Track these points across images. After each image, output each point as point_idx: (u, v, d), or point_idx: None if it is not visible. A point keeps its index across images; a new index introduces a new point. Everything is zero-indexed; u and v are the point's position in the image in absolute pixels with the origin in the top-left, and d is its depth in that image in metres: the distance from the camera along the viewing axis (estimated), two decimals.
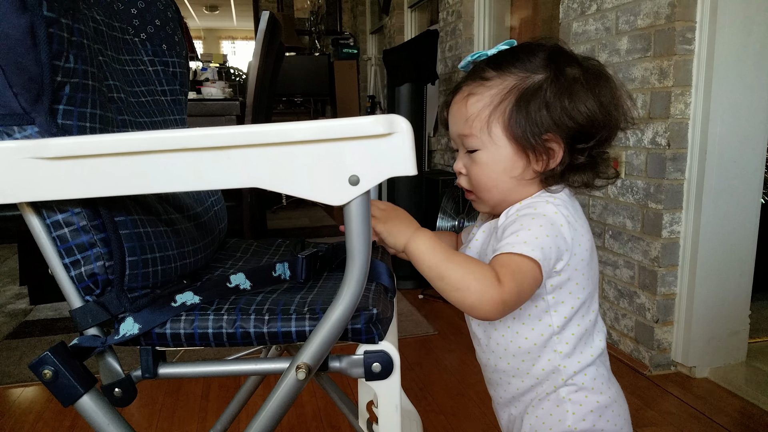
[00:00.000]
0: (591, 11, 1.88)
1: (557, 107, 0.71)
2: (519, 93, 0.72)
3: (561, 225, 0.71)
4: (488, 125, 0.73)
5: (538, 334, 0.76)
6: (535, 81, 0.72)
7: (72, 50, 0.58)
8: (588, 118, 0.72)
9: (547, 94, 0.71)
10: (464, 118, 0.75)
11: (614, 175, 0.79)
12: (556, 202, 0.73)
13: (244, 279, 0.67)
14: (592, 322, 0.79)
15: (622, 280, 1.81)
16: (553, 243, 0.70)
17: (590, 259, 0.76)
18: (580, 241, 0.73)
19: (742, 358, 1.74)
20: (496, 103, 0.73)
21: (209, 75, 3.75)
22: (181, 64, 0.89)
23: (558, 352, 0.76)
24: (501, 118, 0.73)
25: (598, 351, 0.80)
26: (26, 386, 1.72)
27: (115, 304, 0.60)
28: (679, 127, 1.59)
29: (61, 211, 0.58)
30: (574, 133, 0.72)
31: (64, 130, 0.58)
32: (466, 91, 0.76)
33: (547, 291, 0.74)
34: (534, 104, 0.71)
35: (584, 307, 0.77)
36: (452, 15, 3.19)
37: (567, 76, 0.72)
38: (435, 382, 1.69)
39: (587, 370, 0.78)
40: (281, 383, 0.59)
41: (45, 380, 0.57)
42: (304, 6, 7.48)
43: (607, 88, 0.74)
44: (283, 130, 0.52)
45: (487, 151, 0.74)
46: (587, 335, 0.78)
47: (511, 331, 0.77)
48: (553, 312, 0.75)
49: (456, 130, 0.77)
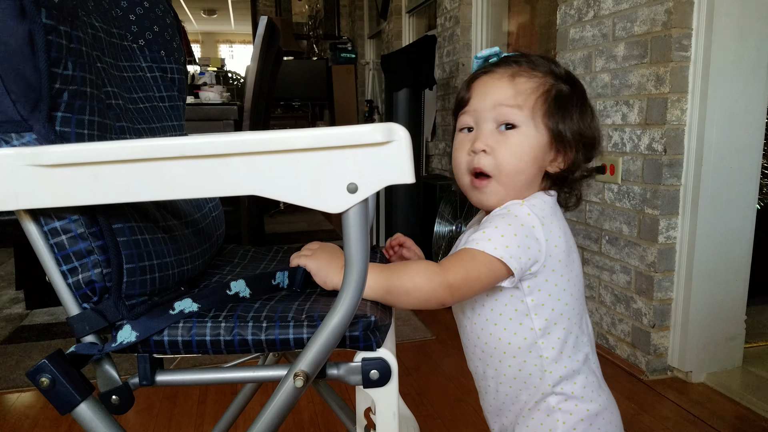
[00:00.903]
0: (588, 17, 1.89)
1: (582, 117, 0.78)
2: (557, 91, 0.76)
3: (533, 226, 0.73)
4: (535, 106, 0.75)
5: (521, 338, 0.76)
6: (563, 88, 0.77)
7: (70, 57, 0.58)
8: (594, 136, 0.79)
9: (576, 103, 0.77)
10: (513, 92, 0.76)
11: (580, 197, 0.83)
12: (532, 203, 0.75)
13: (244, 286, 0.67)
14: (578, 326, 0.79)
15: (618, 285, 1.81)
16: (522, 242, 0.71)
17: (568, 260, 0.76)
18: (556, 242, 0.74)
19: (739, 363, 1.74)
20: (543, 90, 0.76)
21: (207, 79, 3.75)
22: (180, 70, 0.89)
23: (544, 357, 0.77)
24: (545, 106, 0.76)
25: (586, 356, 0.80)
26: (22, 391, 1.72)
27: (112, 311, 0.60)
28: (676, 134, 1.60)
29: (59, 219, 0.58)
30: (584, 145, 0.78)
31: (62, 137, 0.58)
32: (508, 72, 0.77)
33: (525, 293, 0.75)
34: (569, 107, 0.77)
35: (568, 309, 0.77)
36: (450, 20, 3.20)
37: (585, 95, 0.80)
38: (433, 388, 1.69)
39: (575, 378, 0.78)
40: (279, 391, 0.59)
41: (42, 388, 0.56)
42: (302, 10, 7.49)
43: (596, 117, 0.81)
44: (282, 138, 0.52)
45: (527, 130, 0.75)
46: (574, 339, 0.78)
47: (494, 336, 0.78)
48: (534, 315, 0.76)
49: (497, 99, 0.75)
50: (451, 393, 1.65)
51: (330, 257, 0.72)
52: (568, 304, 0.77)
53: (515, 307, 0.76)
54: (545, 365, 0.77)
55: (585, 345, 0.80)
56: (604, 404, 0.80)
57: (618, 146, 1.78)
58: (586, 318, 0.83)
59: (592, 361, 0.81)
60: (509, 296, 0.76)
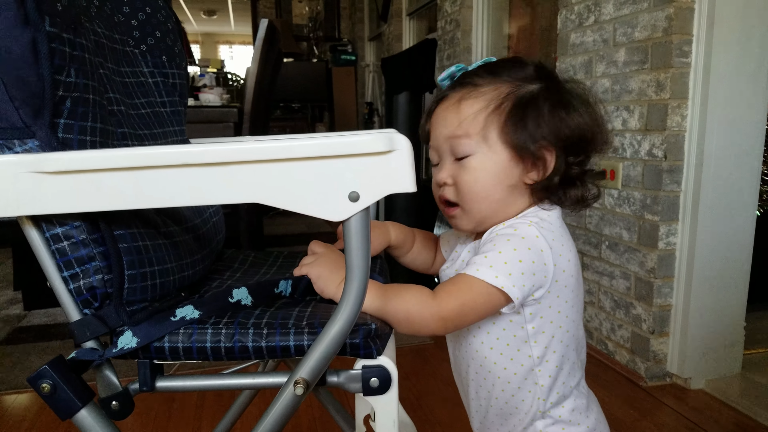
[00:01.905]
0: (589, 23, 1.89)
1: (554, 116, 0.70)
2: (515, 99, 0.71)
3: (541, 250, 0.68)
4: (484, 129, 0.71)
5: (518, 365, 0.73)
6: (530, 89, 0.71)
7: (73, 64, 0.58)
8: (580, 131, 0.71)
9: (544, 103, 0.71)
10: (457, 122, 0.72)
11: (597, 195, 0.77)
12: (541, 224, 0.70)
13: (246, 294, 0.67)
14: (575, 351, 0.76)
15: (618, 291, 1.82)
16: (528, 269, 0.67)
17: (575, 286, 0.72)
18: (564, 267, 0.70)
19: (738, 370, 1.74)
20: (492, 107, 0.71)
21: (207, 81, 3.75)
22: (181, 75, 0.89)
23: (539, 385, 0.74)
24: (497, 123, 0.71)
25: (578, 381, 0.77)
26: (20, 393, 1.72)
27: (113, 317, 0.60)
28: (676, 140, 1.60)
29: (61, 225, 0.58)
30: (566, 144, 0.71)
31: (65, 143, 0.58)
32: (455, 97, 0.74)
33: (527, 320, 0.71)
34: (531, 111, 0.70)
35: (567, 336, 0.74)
36: (451, 24, 3.20)
37: (561, 88, 0.73)
38: (431, 392, 1.69)
39: (565, 402, 0.76)
40: (279, 398, 0.59)
41: (43, 394, 0.56)
42: (302, 12, 7.50)
43: (594, 106, 0.74)
44: (284, 147, 0.53)
45: (481, 155, 0.71)
46: (570, 365, 0.76)
47: (489, 360, 0.75)
48: (533, 343, 0.72)
49: (445, 134, 0.73)
50: (450, 398, 1.65)
51: (331, 268, 0.71)
52: (569, 330, 0.74)
53: (514, 333, 0.72)
54: (539, 392, 0.74)
55: (579, 369, 0.78)
56: (592, 426, 0.78)
57: (618, 152, 1.78)
58: (582, 338, 0.79)
59: (582, 384, 0.79)
60: (508, 321, 0.72)
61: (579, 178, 0.74)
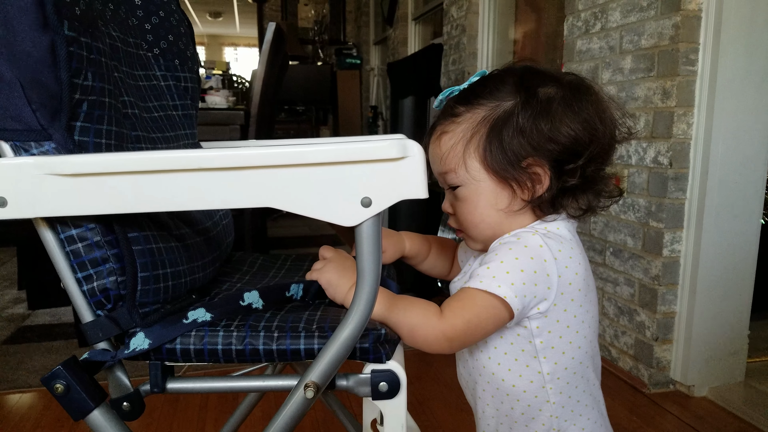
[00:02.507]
0: (595, 30, 1.90)
1: (533, 131, 0.67)
2: (490, 123, 0.69)
3: (545, 260, 0.66)
4: (464, 160, 0.70)
5: (527, 381, 0.71)
6: (505, 108, 0.68)
7: (90, 68, 0.59)
8: (570, 138, 0.67)
9: (520, 119, 0.67)
10: (439, 158, 0.72)
11: (617, 193, 0.74)
12: (547, 234, 0.68)
13: (257, 298, 0.67)
14: (589, 368, 0.73)
15: (622, 298, 1.82)
16: (528, 279, 0.65)
17: (584, 298, 0.69)
18: (571, 279, 0.67)
19: (741, 378, 1.74)
20: (468, 138, 0.70)
21: (213, 83, 3.76)
22: (193, 78, 0.90)
23: (551, 403, 0.71)
24: (476, 152, 0.69)
25: (594, 398, 0.75)
26: (24, 392, 1.72)
27: (126, 319, 0.61)
28: (681, 147, 1.60)
29: (76, 226, 0.59)
30: (557, 155, 0.67)
31: (81, 146, 0.58)
32: (439, 131, 0.73)
33: (534, 334, 0.69)
34: (507, 132, 0.67)
35: (580, 353, 0.71)
36: (456, 29, 3.21)
37: (539, 97, 0.68)
38: (435, 397, 1.69)
39: (581, 422, 0.73)
40: (289, 401, 0.60)
41: (57, 394, 0.57)
42: (308, 15, 7.52)
43: (588, 102, 0.69)
44: (298, 153, 0.53)
45: (468, 186, 0.71)
46: (585, 383, 0.73)
47: (497, 377, 0.73)
48: (542, 359, 0.70)
49: (435, 169, 0.74)
50: (453, 402, 1.65)
51: (341, 274, 0.70)
52: (581, 347, 0.71)
53: (522, 348, 0.70)
54: (551, 410, 0.72)
55: (596, 388, 0.75)
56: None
57: (623, 159, 1.78)
58: (597, 357, 0.76)
59: (601, 401, 0.77)
60: (516, 335, 0.70)
61: (583, 185, 0.69)
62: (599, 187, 0.71)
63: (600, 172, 0.71)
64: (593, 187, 0.71)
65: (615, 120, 0.71)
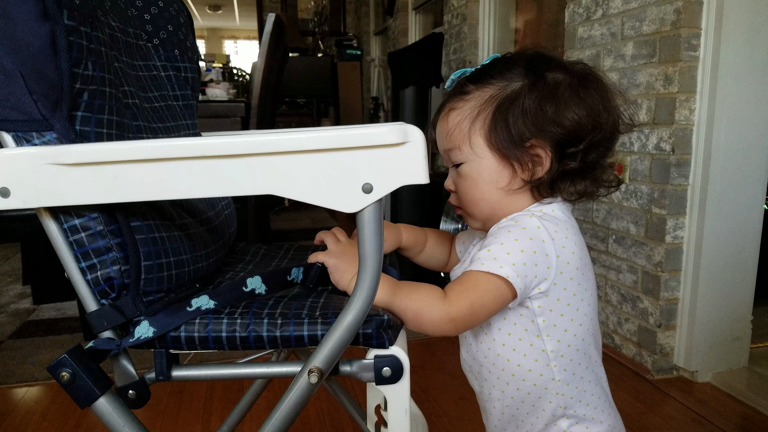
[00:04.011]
0: (597, 16, 1.89)
1: (538, 113, 0.69)
2: (497, 102, 0.71)
3: (543, 240, 0.67)
4: (469, 137, 0.72)
5: (531, 360, 0.72)
6: (513, 89, 0.71)
7: (90, 58, 0.59)
8: (574, 122, 0.69)
9: (526, 100, 0.69)
10: (446, 133, 0.75)
11: (616, 183, 0.76)
12: (543, 216, 0.70)
13: (260, 283, 0.67)
14: (591, 345, 0.75)
15: (625, 285, 1.82)
16: (529, 259, 0.66)
17: (582, 277, 0.71)
18: (568, 258, 0.69)
19: (744, 363, 1.74)
20: (474, 115, 0.72)
21: (213, 76, 3.76)
22: (193, 69, 0.90)
23: (555, 380, 0.73)
24: (481, 129, 0.71)
25: (596, 375, 0.77)
26: (30, 386, 1.73)
27: (130, 307, 0.61)
28: (684, 133, 1.60)
29: (79, 216, 0.59)
30: (560, 138, 0.69)
31: (82, 136, 0.59)
32: (448, 108, 0.76)
33: (536, 314, 0.70)
34: (513, 112, 0.70)
35: (581, 330, 0.73)
36: (457, 18, 3.20)
37: (547, 81, 0.70)
38: (438, 386, 1.70)
39: (587, 398, 0.75)
40: (293, 387, 0.60)
41: (63, 382, 0.57)
42: (307, 6, 7.49)
43: (594, 90, 0.71)
44: (299, 139, 0.53)
45: (470, 163, 0.73)
46: (587, 360, 0.75)
47: (502, 358, 0.74)
48: (546, 337, 0.71)
49: (441, 146, 0.77)
50: (457, 391, 1.66)
51: (349, 260, 0.72)
52: (582, 324, 0.72)
53: (525, 327, 0.71)
54: (557, 388, 0.73)
55: (597, 365, 0.77)
56: (613, 423, 0.77)
57: (626, 146, 1.78)
58: (598, 334, 0.78)
59: (603, 378, 0.79)
60: (518, 315, 0.71)
61: (582, 170, 0.72)
62: (598, 175, 0.74)
63: (601, 160, 0.73)
64: (592, 173, 0.73)
65: (619, 110, 0.73)
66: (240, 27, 11.75)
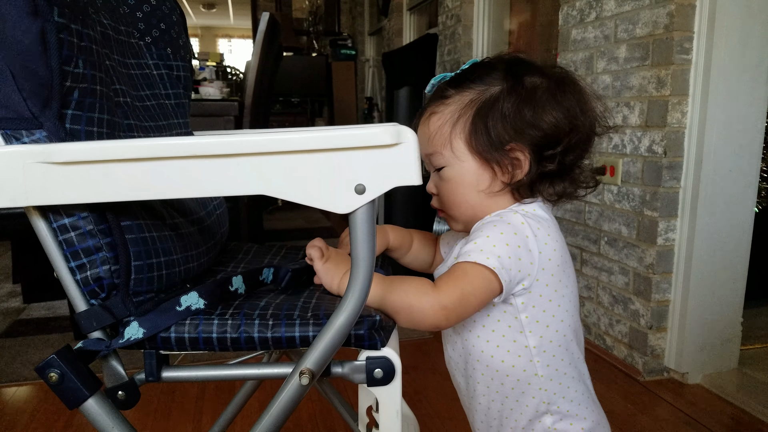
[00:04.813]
0: (590, 19, 1.89)
1: (517, 116, 0.71)
2: (477, 106, 0.72)
3: (527, 236, 0.69)
4: (450, 141, 0.74)
5: (515, 356, 0.74)
6: (492, 93, 0.72)
7: (81, 55, 0.59)
8: (552, 125, 0.71)
9: (505, 104, 0.71)
10: (427, 137, 0.76)
11: (593, 183, 0.77)
12: (526, 214, 0.72)
13: (241, 283, 0.69)
14: (573, 341, 0.76)
15: (616, 287, 1.82)
16: (513, 253, 0.68)
17: (563, 274, 0.73)
18: (550, 255, 0.71)
19: (735, 365, 1.75)
20: (455, 119, 0.73)
21: (207, 75, 3.74)
22: (185, 67, 0.90)
23: (539, 376, 0.74)
24: (462, 133, 0.73)
25: (579, 371, 0.78)
26: (20, 385, 1.72)
27: (120, 308, 0.61)
28: (676, 136, 1.61)
29: (68, 215, 0.58)
30: (538, 141, 0.71)
31: (72, 134, 0.58)
32: (428, 112, 0.77)
33: (519, 309, 0.72)
34: (492, 116, 0.71)
35: (563, 326, 0.74)
36: (451, 19, 3.20)
37: (525, 84, 0.72)
38: (430, 386, 1.70)
39: (570, 395, 0.76)
40: (284, 388, 0.60)
41: (51, 383, 0.57)
42: (302, 6, 7.48)
43: (571, 94, 0.72)
44: (291, 139, 0.53)
45: (452, 167, 0.74)
46: (570, 356, 0.76)
47: (486, 354, 0.75)
48: (528, 333, 0.73)
49: (422, 150, 0.77)
50: (449, 391, 1.66)
51: (337, 263, 0.73)
52: (564, 320, 0.74)
53: (508, 324, 0.73)
54: (540, 383, 0.74)
55: (580, 361, 0.78)
56: (596, 419, 0.78)
57: (618, 148, 1.78)
58: (580, 331, 0.79)
59: (586, 375, 0.80)
60: (502, 312, 0.73)
61: (560, 172, 0.73)
62: (576, 176, 0.75)
63: (578, 161, 0.75)
64: (570, 175, 0.75)
65: (596, 113, 0.74)
66: (234, 25, 11.71)
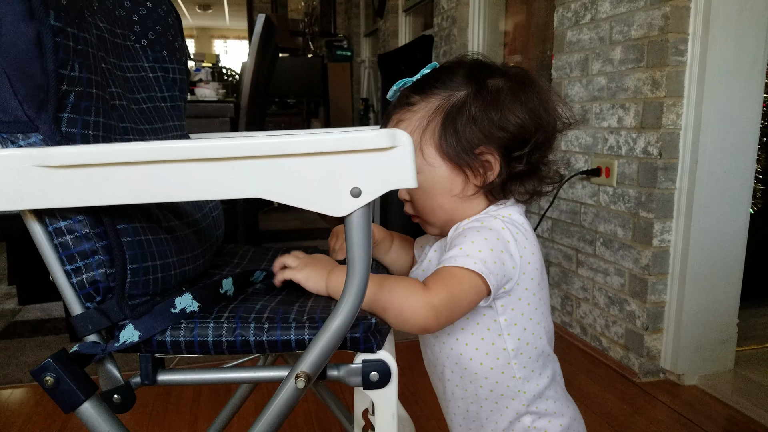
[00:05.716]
0: (585, 20, 1.90)
1: (484, 120, 0.72)
2: (445, 112, 0.73)
3: (508, 241, 0.70)
4: (420, 148, 0.74)
5: (493, 359, 0.74)
6: (458, 98, 0.73)
7: (77, 59, 0.59)
8: (518, 126, 0.72)
9: (472, 108, 0.72)
10: None
11: (558, 178, 0.79)
12: (504, 219, 0.73)
13: (230, 285, 0.69)
14: (546, 342, 0.78)
15: (612, 288, 1.83)
16: (498, 258, 0.68)
17: (540, 279, 0.75)
18: (529, 259, 0.72)
19: (730, 366, 1.76)
20: (424, 126, 0.74)
21: (203, 76, 3.74)
22: (181, 70, 0.90)
23: (516, 378, 0.75)
24: (432, 140, 0.73)
25: (553, 371, 0.79)
26: (15, 387, 1.71)
27: (115, 311, 0.61)
28: (671, 137, 1.61)
29: (64, 219, 0.58)
30: (506, 142, 0.72)
31: (68, 138, 0.58)
32: (395, 120, 0.77)
33: (499, 312, 0.73)
34: (461, 120, 0.72)
35: (539, 329, 0.76)
36: (447, 20, 3.20)
37: (489, 87, 0.73)
38: (427, 387, 1.69)
39: (546, 393, 0.77)
40: (280, 392, 0.60)
41: (46, 387, 0.57)
42: (298, 7, 7.48)
43: (533, 93, 0.74)
44: (287, 143, 0.53)
45: (423, 173, 0.74)
46: (544, 358, 0.78)
47: (465, 357, 0.76)
48: (506, 335, 0.74)
49: None
50: None
51: (315, 265, 0.73)
52: (540, 323, 0.76)
53: (487, 327, 0.74)
54: (518, 385, 0.76)
55: (554, 361, 0.80)
56: (572, 415, 0.80)
57: (613, 149, 1.79)
58: (552, 332, 0.81)
59: (559, 373, 0.81)
60: (482, 315, 0.73)
61: (529, 171, 0.75)
62: (543, 173, 0.77)
63: (544, 158, 0.76)
64: (538, 172, 0.76)
65: (557, 110, 0.76)
66: (230, 27, 11.72)
